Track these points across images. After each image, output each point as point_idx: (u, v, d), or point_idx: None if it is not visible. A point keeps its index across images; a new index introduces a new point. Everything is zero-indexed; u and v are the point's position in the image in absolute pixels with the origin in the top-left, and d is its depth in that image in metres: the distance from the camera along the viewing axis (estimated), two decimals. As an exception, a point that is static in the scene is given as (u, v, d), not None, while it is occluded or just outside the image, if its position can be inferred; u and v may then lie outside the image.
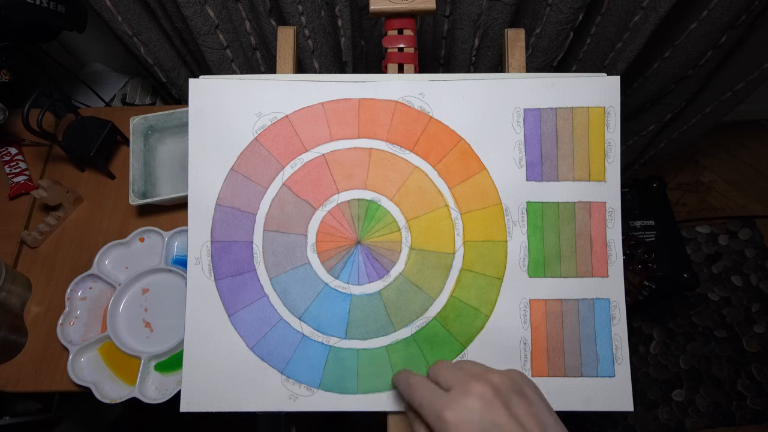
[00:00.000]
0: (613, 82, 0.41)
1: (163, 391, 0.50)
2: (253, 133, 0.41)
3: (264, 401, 0.39)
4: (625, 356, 0.40)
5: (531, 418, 0.28)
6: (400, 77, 0.42)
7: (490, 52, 0.72)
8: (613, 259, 0.41)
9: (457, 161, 0.41)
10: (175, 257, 0.56)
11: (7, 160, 0.64)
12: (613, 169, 0.41)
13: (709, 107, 0.86)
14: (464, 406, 0.28)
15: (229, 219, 0.41)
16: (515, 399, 0.29)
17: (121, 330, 0.53)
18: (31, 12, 0.53)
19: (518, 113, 0.41)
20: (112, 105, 0.86)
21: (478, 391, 0.29)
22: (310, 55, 0.68)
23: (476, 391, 0.29)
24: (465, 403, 0.28)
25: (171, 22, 0.66)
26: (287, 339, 0.40)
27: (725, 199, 1.27)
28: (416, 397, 0.31)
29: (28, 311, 0.56)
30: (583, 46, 0.75)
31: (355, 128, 0.41)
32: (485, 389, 0.29)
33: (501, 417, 0.28)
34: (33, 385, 0.53)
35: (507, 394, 0.29)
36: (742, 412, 1.05)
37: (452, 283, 0.41)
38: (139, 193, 0.58)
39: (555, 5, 0.63)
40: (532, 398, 0.30)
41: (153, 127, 0.63)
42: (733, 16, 0.64)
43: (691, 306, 1.15)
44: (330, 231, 0.41)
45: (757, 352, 1.10)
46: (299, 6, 0.60)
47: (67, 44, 0.87)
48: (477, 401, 0.28)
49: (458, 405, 0.28)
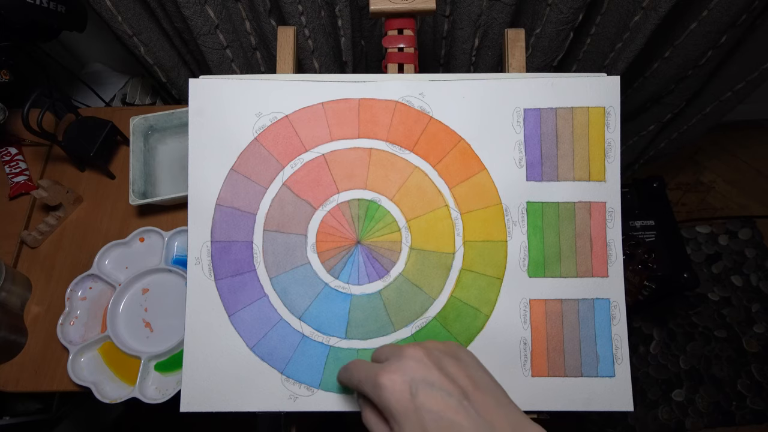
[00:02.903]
0: (613, 82, 0.41)
1: (163, 391, 0.50)
2: (253, 133, 0.41)
3: (264, 401, 0.39)
4: (625, 356, 0.40)
5: (463, 376, 0.29)
6: (400, 77, 0.42)
7: (490, 52, 0.72)
8: (613, 259, 0.41)
9: (457, 161, 0.41)
10: (175, 257, 0.57)
11: (7, 160, 0.64)
12: (613, 169, 0.41)
13: (709, 107, 0.86)
14: (396, 368, 0.29)
15: (229, 219, 0.41)
16: (447, 360, 0.30)
17: (121, 330, 0.53)
18: (31, 12, 0.53)
19: (518, 113, 0.41)
20: (112, 105, 0.86)
21: (410, 353, 0.30)
22: (310, 55, 0.68)
23: (408, 353, 0.30)
24: (397, 365, 0.29)
25: (171, 22, 0.66)
26: (287, 339, 0.40)
27: (725, 199, 1.27)
28: (354, 376, 0.32)
29: (28, 311, 0.56)
30: (583, 46, 0.75)
31: (355, 128, 0.41)
32: (417, 351, 0.30)
33: (432, 374, 0.29)
34: (33, 385, 0.53)
35: (439, 356, 0.30)
36: (742, 412, 1.05)
37: (452, 283, 0.41)
38: (139, 193, 0.58)
39: (555, 5, 0.63)
40: (466, 360, 0.31)
41: (153, 127, 0.63)
42: (733, 16, 0.64)
43: (691, 306, 1.15)
44: (330, 231, 0.41)
45: (757, 352, 1.10)
46: (299, 6, 0.60)
47: (67, 44, 0.87)
48: (409, 361, 0.29)
49: (391, 368, 0.29)
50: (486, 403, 0.28)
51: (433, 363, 0.29)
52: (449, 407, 0.27)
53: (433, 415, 0.27)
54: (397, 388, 0.28)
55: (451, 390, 0.28)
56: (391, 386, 0.28)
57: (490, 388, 0.30)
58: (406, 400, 0.28)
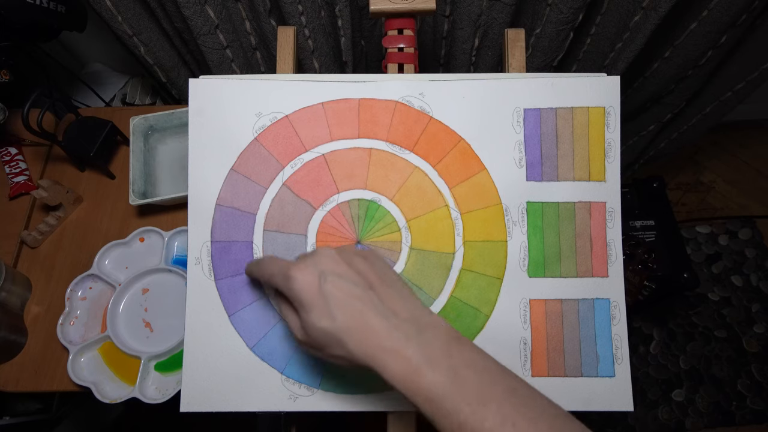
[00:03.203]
0: (613, 82, 0.41)
1: (163, 391, 0.50)
2: (253, 133, 0.41)
3: (264, 401, 0.39)
4: (625, 356, 0.40)
5: (370, 271, 0.31)
6: (400, 77, 0.42)
7: (490, 52, 0.72)
8: (613, 259, 0.41)
9: (457, 161, 0.41)
10: (175, 257, 0.57)
11: (7, 160, 0.64)
12: (613, 169, 0.41)
13: (709, 107, 0.86)
14: (308, 263, 0.31)
15: (229, 219, 0.41)
16: (357, 258, 0.32)
17: (121, 330, 0.53)
18: (31, 12, 0.53)
19: (518, 113, 0.41)
20: (112, 105, 0.86)
21: (322, 251, 0.32)
22: (310, 55, 0.68)
23: (320, 252, 0.31)
24: (309, 260, 0.31)
25: (171, 22, 0.66)
26: (287, 339, 0.40)
27: (725, 199, 1.27)
28: (266, 270, 0.34)
29: (28, 311, 0.56)
30: (583, 46, 0.75)
31: (355, 128, 0.41)
32: (328, 250, 0.32)
33: (341, 267, 0.30)
34: (33, 385, 0.53)
35: (350, 256, 0.32)
36: (742, 412, 1.05)
37: (452, 283, 0.41)
38: (139, 193, 0.58)
39: (555, 5, 0.63)
40: (374, 260, 0.33)
41: (153, 127, 0.63)
42: (733, 16, 0.64)
43: (691, 306, 1.15)
44: (330, 231, 0.41)
45: (757, 352, 1.10)
46: (299, 6, 0.60)
47: (67, 44, 0.87)
48: (320, 257, 0.31)
49: (303, 262, 0.31)
50: (390, 295, 0.30)
51: (342, 259, 0.31)
52: (354, 295, 0.29)
53: (339, 301, 0.29)
54: (306, 279, 0.30)
55: (357, 281, 0.30)
56: (301, 278, 0.30)
57: (394, 283, 0.32)
58: (314, 289, 0.29)
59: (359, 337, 0.28)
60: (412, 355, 0.27)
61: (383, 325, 0.28)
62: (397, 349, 0.28)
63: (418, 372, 0.27)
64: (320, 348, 0.30)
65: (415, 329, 0.29)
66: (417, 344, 0.28)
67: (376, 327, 0.28)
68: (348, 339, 0.28)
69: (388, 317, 0.29)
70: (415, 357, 0.27)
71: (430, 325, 0.29)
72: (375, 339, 0.28)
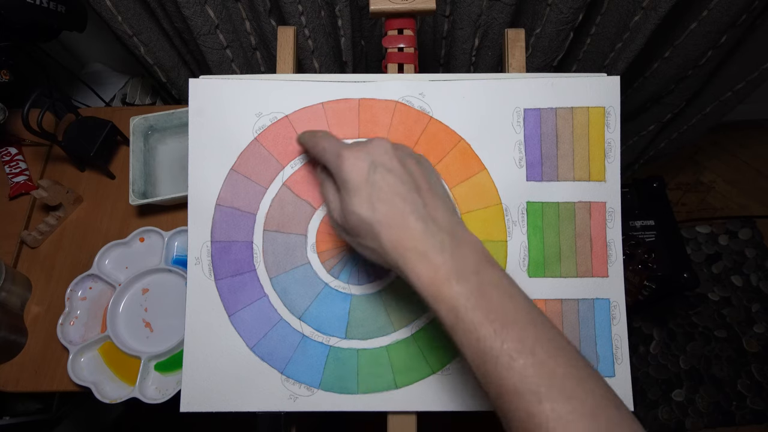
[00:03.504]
0: (613, 82, 0.41)
1: (163, 391, 0.50)
2: (253, 133, 0.41)
3: (264, 401, 0.39)
4: (625, 356, 0.40)
5: (420, 176, 0.31)
6: (400, 77, 0.42)
7: (490, 52, 0.72)
8: (613, 259, 0.41)
9: (457, 161, 0.41)
10: (175, 257, 0.56)
11: (7, 160, 0.64)
12: (613, 169, 0.41)
13: (709, 107, 0.86)
14: (362, 148, 0.31)
15: (229, 219, 0.41)
16: (410, 160, 0.31)
17: (121, 330, 0.53)
18: (31, 12, 0.53)
19: (518, 113, 0.41)
20: (112, 105, 0.86)
21: (378, 141, 0.31)
22: (310, 55, 0.68)
23: (376, 142, 0.31)
24: (364, 146, 0.31)
25: (171, 22, 0.66)
26: (287, 339, 0.40)
27: (725, 199, 1.27)
28: (320, 144, 0.34)
29: (28, 311, 0.56)
30: (583, 46, 0.75)
31: (355, 128, 0.41)
32: (385, 142, 0.31)
33: (393, 163, 0.30)
34: (33, 385, 0.53)
35: (404, 155, 0.31)
36: (742, 412, 1.05)
37: (452, 283, 0.41)
38: (139, 193, 0.58)
39: (555, 5, 0.63)
40: (427, 167, 0.32)
41: (153, 127, 0.63)
42: (733, 16, 0.64)
43: (691, 306, 1.15)
44: (330, 231, 0.41)
45: (757, 352, 1.10)
46: (299, 6, 0.60)
47: (67, 44, 0.87)
48: (375, 147, 0.30)
49: (357, 147, 0.31)
50: (434, 202, 0.30)
51: (396, 156, 0.30)
52: (399, 192, 0.29)
53: (383, 193, 0.29)
54: (357, 164, 0.30)
55: (405, 179, 0.30)
56: (352, 160, 0.30)
57: (440, 194, 0.31)
58: (362, 175, 0.29)
59: (395, 234, 0.28)
60: (442, 263, 0.27)
61: (421, 228, 0.28)
62: (430, 254, 0.27)
63: (446, 281, 0.27)
64: (353, 234, 0.31)
65: (451, 240, 0.28)
66: (450, 255, 0.28)
67: (413, 228, 0.28)
68: (383, 233, 0.28)
69: (427, 222, 0.28)
70: (446, 266, 0.27)
71: (467, 241, 0.29)
72: (409, 240, 0.28)
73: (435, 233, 0.28)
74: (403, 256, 0.28)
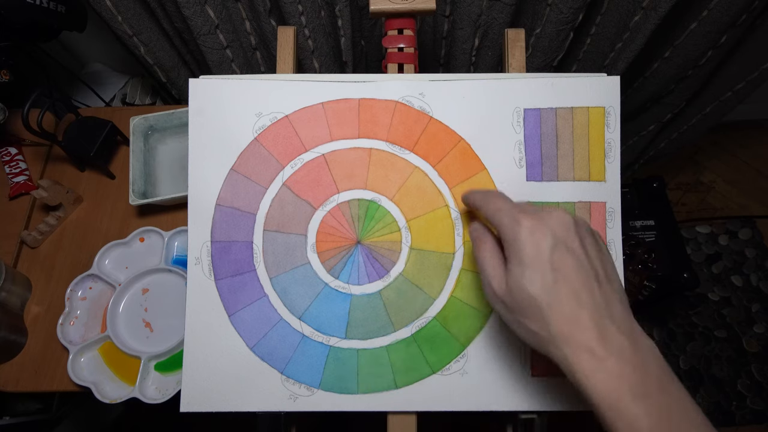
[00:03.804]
0: (613, 82, 0.41)
1: (163, 391, 0.50)
2: (253, 133, 0.41)
3: (264, 401, 0.39)
4: (625, 356, 0.40)
5: (599, 259, 0.29)
6: (400, 77, 0.42)
7: (490, 52, 0.72)
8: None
9: (457, 161, 0.41)
10: (175, 257, 0.57)
11: (7, 160, 0.64)
12: (613, 169, 0.41)
13: (709, 107, 0.86)
14: (543, 218, 0.28)
15: (229, 219, 0.41)
16: (590, 239, 0.29)
17: (121, 330, 0.53)
18: (31, 12, 0.53)
19: (518, 113, 0.41)
20: (112, 105, 0.86)
21: (560, 214, 0.29)
22: (310, 55, 0.68)
23: (558, 214, 0.29)
24: (544, 216, 0.28)
25: (171, 22, 0.66)
26: (287, 339, 0.40)
27: (725, 199, 1.27)
28: (493, 204, 0.31)
29: (28, 311, 0.56)
30: (583, 46, 0.75)
31: (355, 128, 0.41)
32: (567, 216, 0.29)
33: (574, 242, 0.28)
34: (33, 385, 0.53)
35: (584, 233, 0.29)
36: (742, 412, 1.05)
37: (452, 283, 0.41)
38: (139, 193, 0.58)
39: (555, 5, 0.63)
40: (602, 246, 0.30)
41: (153, 127, 0.63)
42: (733, 16, 0.64)
43: (691, 306, 1.15)
44: (330, 231, 0.41)
45: (757, 352, 1.10)
46: (299, 6, 0.60)
47: (67, 44, 0.87)
48: (555, 220, 0.28)
49: (537, 216, 0.29)
50: (611, 295, 0.28)
51: (577, 234, 0.29)
52: (580, 278, 0.27)
53: (563, 277, 0.27)
54: (537, 236, 0.27)
55: (585, 265, 0.28)
56: (532, 230, 0.28)
57: (617, 285, 0.29)
58: (543, 250, 0.27)
59: (568, 327, 0.26)
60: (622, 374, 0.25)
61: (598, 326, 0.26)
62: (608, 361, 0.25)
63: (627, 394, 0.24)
64: (515, 311, 0.28)
65: (630, 345, 0.26)
66: (631, 365, 0.25)
67: (589, 325, 0.26)
68: (554, 320, 0.26)
69: (604, 319, 0.26)
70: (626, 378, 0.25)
71: (646, 347, 0.26)
72: (584, 337, 0.26)
73: (614, 334, 0.26)
74: (576, 354, 0.26)
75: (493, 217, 0.31)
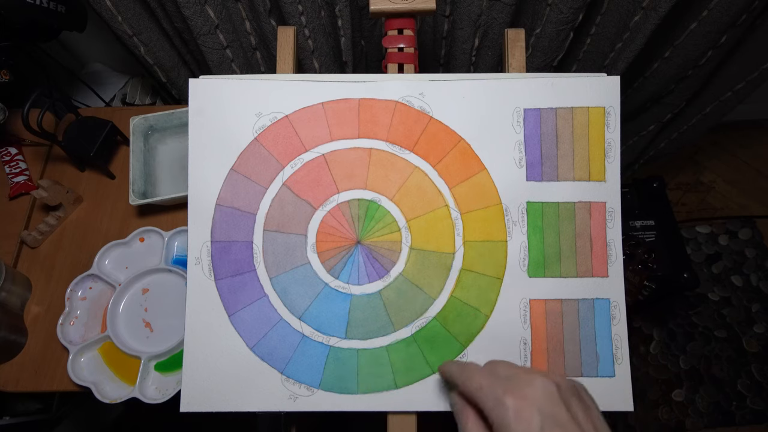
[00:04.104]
0: (613, 82, 0.41)
1: (163, 391, 0.50)
2: (253, 133, 0.41)
3: (264, 401, 0.39)
4: (625, 356, 0.40)
5: (588, 422, 0.28)
6: (400, 77, 0.42)
7: (490, 52, 0.72)
8: (613, 259, 0.41)
9: (457, 161, 0.41)
10: (175, 257, 0.56)
11: (7, 160, 0.64)
12: (613, 169, 0.41)
13: (709, 107, 0.86)
14: (526, 394, 0.28)
15: (229, 219, 0.41)
16: (575, 401, 0.29)
17: (121, 330, 0.53)
18: (31, 12, 0.53)
19: (518, 113, 0.41)
20: (112, 105, 0.86)
21: (542, 383, 0.29)
22: (310, 55, 0.68)
23: (539, 383, 0.29)
24: (527, 391, 0.28)
25: (171, 22, 0.66)
26: (287, 339, 0.40)
27: (725, 199, 1.27)
28: (475, 380, 0.31)
29: (28, 311, 0.56)
30: (583, 46, 0.75)
31: (355, 128, 0.41)
32: (548, 384, 0.29)
33: (561, 413, 0.28)
34: (33, 385, 0.53)
35: (567, 394, 0.29)
36: (742, 412, 1.05)
37: (452, 283, 0.41)
38: (139, 193, 0.58)
39: (555, 5, 0.63)
40: (590, 404, 0.30)
41: (153, 127, 0.63)
42: (733, 16, 0.64)
43: (691, 306, 1.15)
44: (330, 231, 0.41)
45: (757, 352, 1.10)
46: (299, 6, 0.60)
47: (67, 44, 0.87)
48: (540, 392, 0.28)
49: (521, 392, 0.28)
50: None
51: (562, 401, 0.28)
52: None
53: None
54: (524, 416, 0.27)
55: None
56: (518, 411, 0.27)
57: None
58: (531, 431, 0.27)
59: None
60: None
61: None
62: None
63: None
64: None
65: None
66: None
67: None
68: None
69: None
70: None
71: None
72: None
73: None
74: None
75: (474, 396, 0.30)
